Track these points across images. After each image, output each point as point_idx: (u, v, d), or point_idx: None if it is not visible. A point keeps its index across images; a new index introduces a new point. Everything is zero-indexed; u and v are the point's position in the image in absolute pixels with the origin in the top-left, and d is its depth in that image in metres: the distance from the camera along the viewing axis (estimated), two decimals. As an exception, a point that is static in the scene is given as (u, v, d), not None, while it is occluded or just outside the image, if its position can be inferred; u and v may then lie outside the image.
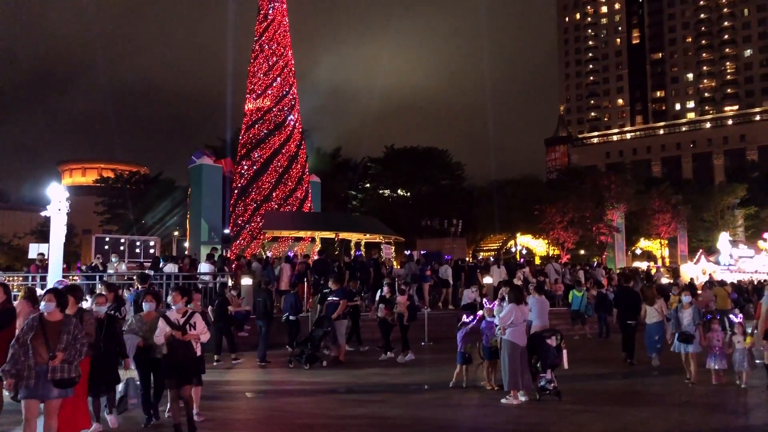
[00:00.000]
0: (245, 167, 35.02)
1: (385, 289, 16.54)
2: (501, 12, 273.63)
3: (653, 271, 36.97)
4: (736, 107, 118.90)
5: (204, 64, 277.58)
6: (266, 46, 36.39)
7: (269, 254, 29.22)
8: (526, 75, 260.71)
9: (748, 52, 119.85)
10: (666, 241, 58.06)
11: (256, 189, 34.41)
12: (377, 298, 17.26)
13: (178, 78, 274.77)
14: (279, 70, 36.35)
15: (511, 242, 62.40)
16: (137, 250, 30.14)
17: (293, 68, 37.53)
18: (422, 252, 33.95)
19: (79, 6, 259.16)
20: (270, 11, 36.81)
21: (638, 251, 62.83)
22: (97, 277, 17.79)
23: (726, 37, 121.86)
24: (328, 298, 15.19)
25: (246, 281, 19.45)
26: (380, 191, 71.28)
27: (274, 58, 36.38)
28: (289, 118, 36.27)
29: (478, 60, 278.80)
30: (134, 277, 14.90)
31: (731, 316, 13.88)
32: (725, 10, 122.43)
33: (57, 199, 13.57)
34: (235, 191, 34.73)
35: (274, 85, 36.10)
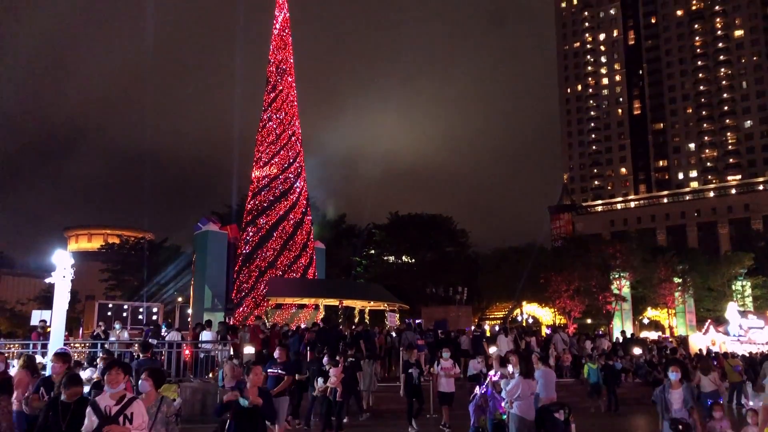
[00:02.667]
0: (250, 234, 35.13)
1: (325, 359, 15.12)
2: (501, 80, 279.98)
3: (663, 342, 36.41)
4: (738, 177, 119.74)
5: (212, 132, 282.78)
6: (274, 116, 37.14)
7: (301, 325, 28.86)
8: (529, 142, 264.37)
9: (748, 123, 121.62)
10: (673, 311, 57.43)
11: (261, 256, 34.41)
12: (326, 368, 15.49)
13: (186, 145, 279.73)
14: (286, 139, 36.96)
15: (517, 311, 61.82)
16: (140, 317, 29.97)
17: (300, 137, 38.17)
18: (417, 321, 33.74)
19: (85, 71, 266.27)
20: (278, 83, 37.72)
21: (645, 321, 62.09)
22: (99, 345, 17.60)
23: (726, 108, 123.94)
24: (268, 370, 12.55)
25: (248, 350, 19.20)
26: (385, 258, 71.21)
27: (281, 128, 37.05)
28: (295, 186, 36.63)
29: (480, 127, 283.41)
30: (135, 346, 14.73)
31: (744, 401, 12.94)
32: (724, 82, 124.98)
33: (62, 266, 13.57)
34: (240, 258, 34.73)
35: (281, 153, 36.63)
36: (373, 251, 71.55)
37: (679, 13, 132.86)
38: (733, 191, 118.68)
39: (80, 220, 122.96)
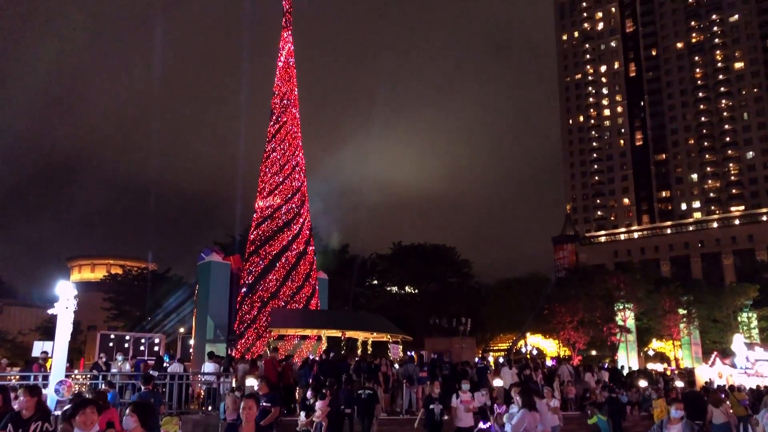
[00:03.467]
0: (254, 264, 35.10)
1: (309, 393, 14.71)
2: (503, 110, 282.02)
3: (668, 373, 36.05)
4: (742, 207, 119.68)
5: (215, 163, 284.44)
6: (278, 147, 37.36)
7: (309, 356, 28.63)
8: (532, 172, 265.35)
9: (750, 154, 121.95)
10: (679, 343, 56.99)
11: (264, 286, 34.33)
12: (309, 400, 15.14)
13: (190, 175, 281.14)
14: (290, 170, 37.13)
15: (522, 342, 61.41)
16: (142, 348, 29.85)
17: (303, 167, 38.35)
18: (420, 353, 33.47)
19: (89, 102, 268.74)
20: (282, 114, 38.05)
21: (651, 352, 61.59)
22: (101, 377, 17.50)
23: (728, 139, 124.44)
24: (262, 403, 12.17)
25: (251, 382, 19.04)
26: (388, 288, 71.05)
27: (285, 159, 37.26)
28: (299, 216, 36.69)
29: (482, 157, 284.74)
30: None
31: None
32: (725, 114, 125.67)
33: (65, 297, 13.56)
34: (243, 288, 34.65)
35: (285, 183, 36.77)
36: (376, 281, 71.43)
37: (680, 45, 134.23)
38: (737, 222, 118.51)
39: (83, 250, 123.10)
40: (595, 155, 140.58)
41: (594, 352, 56.52)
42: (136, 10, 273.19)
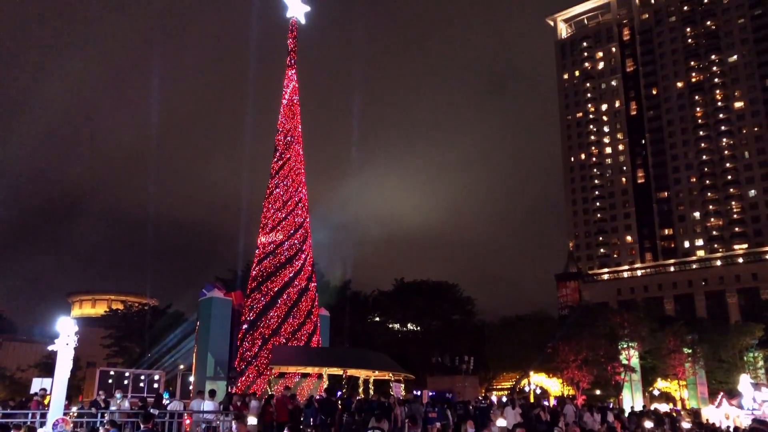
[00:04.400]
0: (255, 300, 34.93)
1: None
2: (503, 146, 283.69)
3: (674, 414, 35.50)
4: (745, 246, 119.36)
5: (217, 198, 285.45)
6: (281, 183, 37.50)
7: (314, 395, 28.21)
8: (534, 208, 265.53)
9: (752, 192, 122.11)
10: (684, 382, 56.27)
11: (265, 323, 34.10)
12: None
13: (192, 210, 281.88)
14: (292, 206, 37.21)
15: (525, 381, 60.70)
16: (141, 385, 29.53)
17: (306, 203, 38.43)
18: (430, 393, 32.98)
19: (90, 137, 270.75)
20: (286, 151, 38.29)
21: (656, 392, 60.78)
22: (99, 415, 17.27)
23: (729, 177, 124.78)
24: None
25: (252, 420, 18.80)
26: (390, 325, 70.58)
27: (288, 195, 37.36)
28: (301, 252, 36.63)
29: (484, 193, 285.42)
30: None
31: None
32: (726, 152, 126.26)
33: (66, 333, 13.48)
34: (244, 325, 34.42)
35: (287, 219, 36.80)
36: (378, 318, 70.98)
37: (680, 84, 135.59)
38: (741, 260, 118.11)
39: (84, 286, 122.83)
40: (597, 192, 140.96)
41: (598, 392, 55.82)
42: (142, 48, 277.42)
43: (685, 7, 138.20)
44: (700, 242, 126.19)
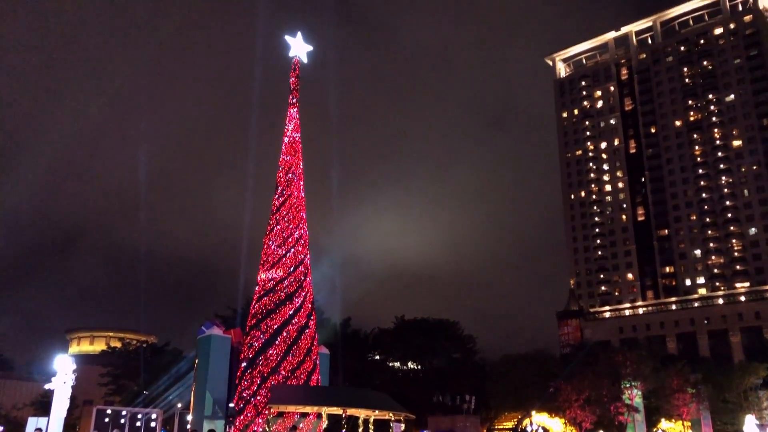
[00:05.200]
0: (254, 338, 34.70)
1: None
2: (502, 183, 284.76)
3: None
4: (747, 284, 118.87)
5: (218, 234, 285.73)
6: (281, 220, 37.61)
7: None
8: (534, 245, 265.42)
9: (752, 230, 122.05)
10: (689, 423, 55.49)
11: (264, 361, 33.82)
12: None
13: (193, 247, 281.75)
14: (293, 243, 37.25)
15: (527, 420, 59.88)
16: (138, 424, 29.16)
17: (306, 240, 38.46)
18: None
19: (89, 173, 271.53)
20: (287, 188, 38.48)
21: (660, 433, 59.86)
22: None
23: (729, 215, 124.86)
24: None
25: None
26: (390, 364, 69.95)
27: (289, 231, 37.45)
28: (301, 290, 36.53)
29: (484, 230, 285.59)
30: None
31: None
32: (726, 190, 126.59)
33: (63, 371, 13.39)
34: (243, 363, 34.13)
35: (287, 256, 36.80)
36: (378, 357, 70.37)
37: (678, 123, 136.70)
38: (743, 299, 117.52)
39: (83, 323, 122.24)
40: (597, 230, 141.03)
41: (601, 432, 55.03)
42: (144, 85, 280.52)
43: (682, 48, 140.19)
44: (701, 280, 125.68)
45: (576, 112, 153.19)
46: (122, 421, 28.54)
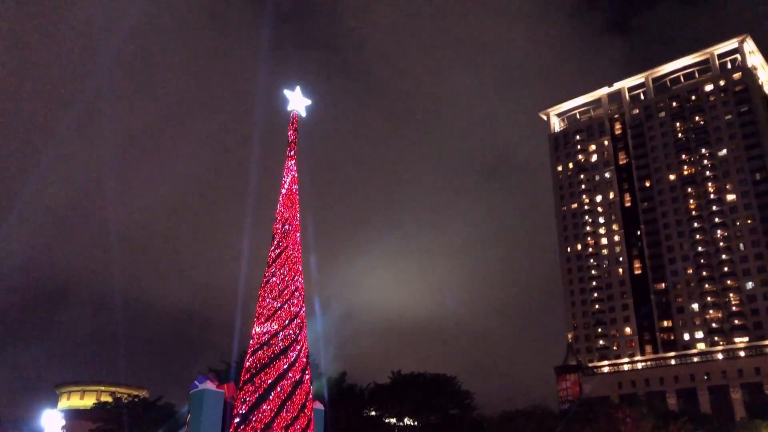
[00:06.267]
0: (248, 393, 34.05)
1: None
2: (498, 235, 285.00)
3: None
4: (746, 339, 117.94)
5: (213, 286, 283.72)
6: (277, 272, 37.35)
7: None
8: (531, 298, 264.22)
9: (749, 285, 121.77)
10: (692, 483, 54.18)
11: (257, 416, 33.08)
12: None
13: (187, 299, 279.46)
14: (289, 295, 36.89)
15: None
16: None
17: (303, 293, 38.16)
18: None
19: (81, 225, 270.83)
20: (283, 239, 38.39)
21: (663, 493, 58.40)
22: None
23: (726, 269, 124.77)
24: None
25: None
26: (386, 420, 68.57)
27: (285, 284, 37.13)
28: (295, 342, 36.07)
29: (480, 283, 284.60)
30: None
31: None
32: (721, 244, 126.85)
33: (52, 427, 13.04)
34: (236, 419, 33.41)
35: (283, 309, 36.42)
36: (374, 412, 69.06)
37: (672, 177, 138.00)
38: (742, 354, 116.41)
39: (73, 377, 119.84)
40: (594, 283, 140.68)
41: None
42: (140, 136, 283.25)
43: (674, 103, 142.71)
44: (700, 335, 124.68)
45: (571, 165, 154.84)
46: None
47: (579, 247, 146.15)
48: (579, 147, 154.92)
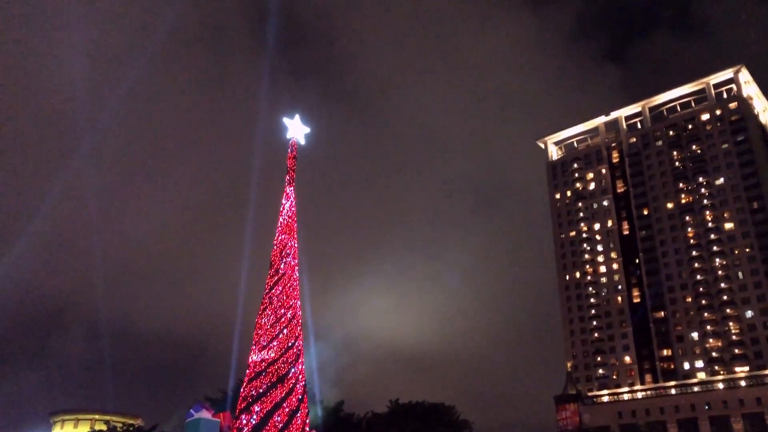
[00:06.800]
0: (244, 421, 33.66)
1: None
2: (495, 264, 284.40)
3: None
4: (746, 368, 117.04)
5: (211, 314, 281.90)
6: (275, 299, 37.20)
7: None
8: (529, 327, 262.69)
9: (749, 314, 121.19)
10: None
11: (254, 446, 32.67)
12: None
13: (184, 326, 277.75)
14: (286, 322, 36.71)
15: None
16: None
17: (300, 320, 37.94)
18: None
19: (74, 251, 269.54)
20: (281, 266, 38.26)
21: None
22: None
23: (725, 298, 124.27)
24: None
25: None
26: (384, 450, 67.59)
27: (282, 310, 36.96)
28: (292, 371, 35.75)
29: (478, 311, 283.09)
30: None
31: None
32: (720, 272, 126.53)
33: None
34: (231, 448, 32.97)
35: (280, 337, 36.20)
36: (371, 442, 68.16)
37: (670, 205, 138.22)
38: (743, 383, 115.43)
39: (67, 404, 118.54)
40: (593, 312, 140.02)
41: None
42: (136, 160, 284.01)
43: (671, 132, 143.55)
44: (700, 364, 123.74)
45: (569, 193, 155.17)
46: None
47: (578, 275, 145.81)
48: (577, 175, 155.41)
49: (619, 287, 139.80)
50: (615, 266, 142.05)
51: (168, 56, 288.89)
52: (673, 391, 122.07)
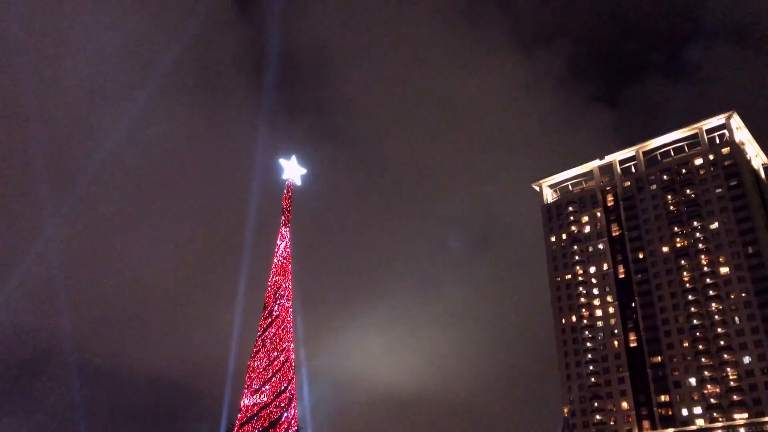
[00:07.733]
0: (234, 469, 32.73)
1: None
2: (490, 305, 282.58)
3: None
4: (745, 415, 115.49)
5: (203, 357, 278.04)
6: (268, 342, 36.64)
7: None
8: (525, 370, 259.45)
9: (747, 359, 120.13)
10: None
11: (243, 494, 31.69)
12: None
13: (176, 369, 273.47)
14: (279, 365, 36.08)
15: None
16: None
17: (293, 363, 37.31)
18: None
19: (66, 292, 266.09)
20: (275, 308, 37.80)
21: None
22: None
23: (722, 343, 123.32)
24: None
25: None
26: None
27: (275, 353, 36.37)
28: (285, 415, 34.97)
29: (472, 354, 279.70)
30: None
31: None
32: (717, 317, 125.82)
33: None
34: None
35: (273, 380, 35.52)
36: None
37: (665, 249, 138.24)
38: (742, 430, 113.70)
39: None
40: (590, 356, 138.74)
41: None
42: (129, 199, 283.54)
43: (665, 176, 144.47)
44: (698, 410, 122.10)
45: (564, 236, 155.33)
46: None
47: (573, 318, 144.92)
48: (572, 218, 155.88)
49: (616, 331, 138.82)
50: (611, 310, 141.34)
51: (164, 97, 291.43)
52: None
